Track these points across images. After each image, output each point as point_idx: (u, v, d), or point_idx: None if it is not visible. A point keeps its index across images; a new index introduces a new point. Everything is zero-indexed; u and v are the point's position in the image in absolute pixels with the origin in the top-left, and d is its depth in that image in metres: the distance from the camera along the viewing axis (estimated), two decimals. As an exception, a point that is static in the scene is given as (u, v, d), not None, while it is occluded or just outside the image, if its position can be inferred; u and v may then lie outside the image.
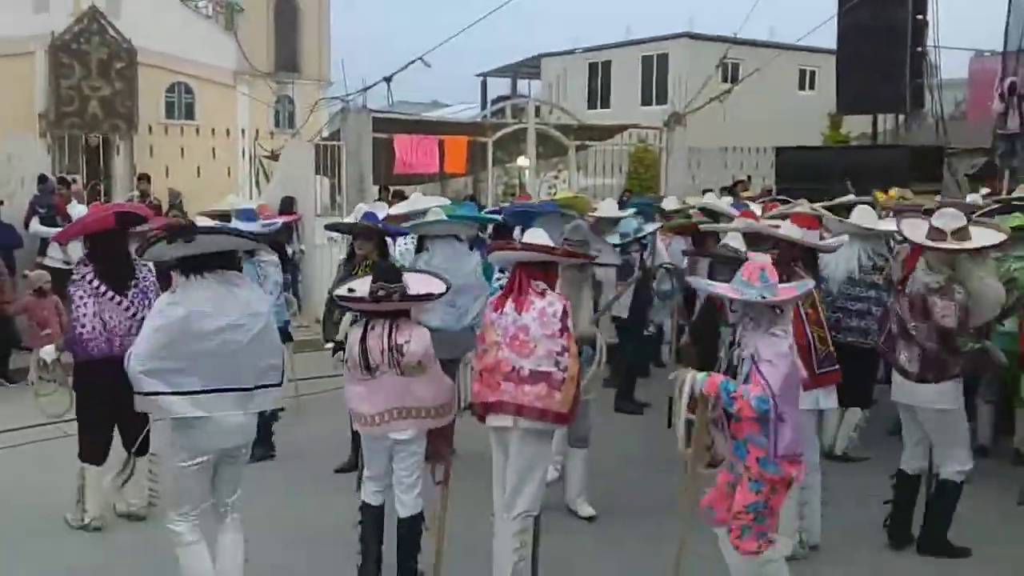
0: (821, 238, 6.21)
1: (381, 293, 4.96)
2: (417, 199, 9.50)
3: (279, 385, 4.84)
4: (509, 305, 5.07)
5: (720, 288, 4.85)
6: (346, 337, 5.43)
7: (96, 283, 5.98)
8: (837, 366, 5.71)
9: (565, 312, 5.00)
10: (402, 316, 5.08)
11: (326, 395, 9.20)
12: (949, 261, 5.53)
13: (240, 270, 4.77)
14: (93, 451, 6.25)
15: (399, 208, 8.87)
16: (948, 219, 5.55)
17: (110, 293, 5.98)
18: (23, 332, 11.00)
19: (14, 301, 10.63)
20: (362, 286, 5.12)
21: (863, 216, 7.11)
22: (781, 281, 4.75)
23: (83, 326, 5.95)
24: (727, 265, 6.03)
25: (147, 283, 6.14)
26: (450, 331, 6.71)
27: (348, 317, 6.02)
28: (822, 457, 6.20)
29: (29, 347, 9.72)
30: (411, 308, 5.15)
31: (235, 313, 4.54)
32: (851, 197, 9.94)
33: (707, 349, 5.68)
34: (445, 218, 7.48)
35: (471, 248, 7.50)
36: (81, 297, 5.99)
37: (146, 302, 5.92)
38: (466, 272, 6.97)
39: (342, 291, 5.23)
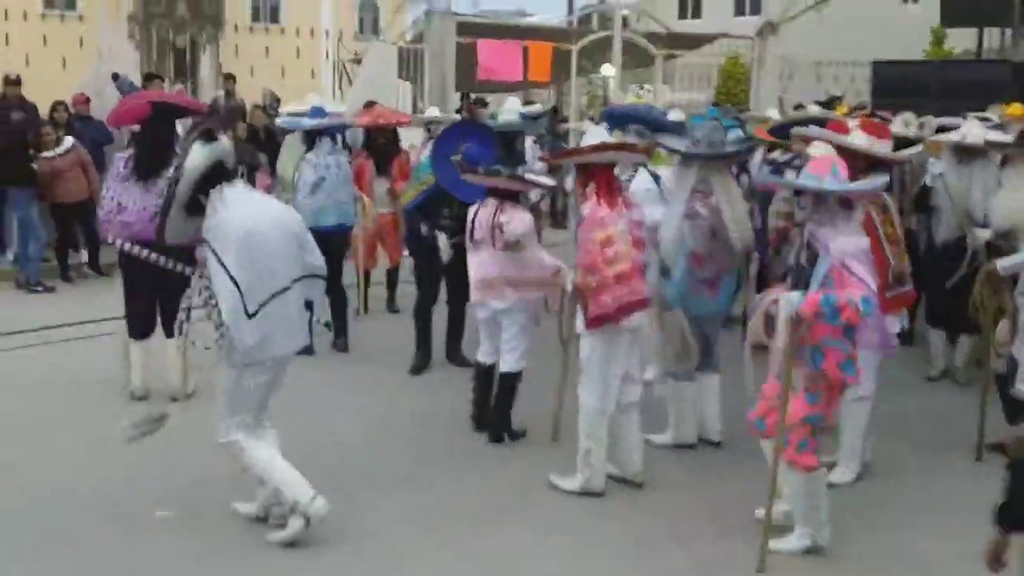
0: None
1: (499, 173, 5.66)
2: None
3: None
4: (620, 207, 5.08)
5: (792, 181, 4.71)
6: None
7: (124, 168, 6.25)
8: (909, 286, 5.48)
9: None
10: (509, 199, 5.73)
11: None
12: None
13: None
14: (133, 326, 6.58)
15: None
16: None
17: (134, 177, 6.19)
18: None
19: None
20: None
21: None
22: None
23: (101, 208, 6.35)
24: None
25: None
26: None
27: None
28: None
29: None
30: (519, 192, 5.86)
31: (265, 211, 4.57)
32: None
33: None
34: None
35: None
36: (106, 181, 6.37)
37: None
38: None
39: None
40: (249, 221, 4.42)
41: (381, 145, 8.99)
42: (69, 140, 10.53)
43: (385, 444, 6.02)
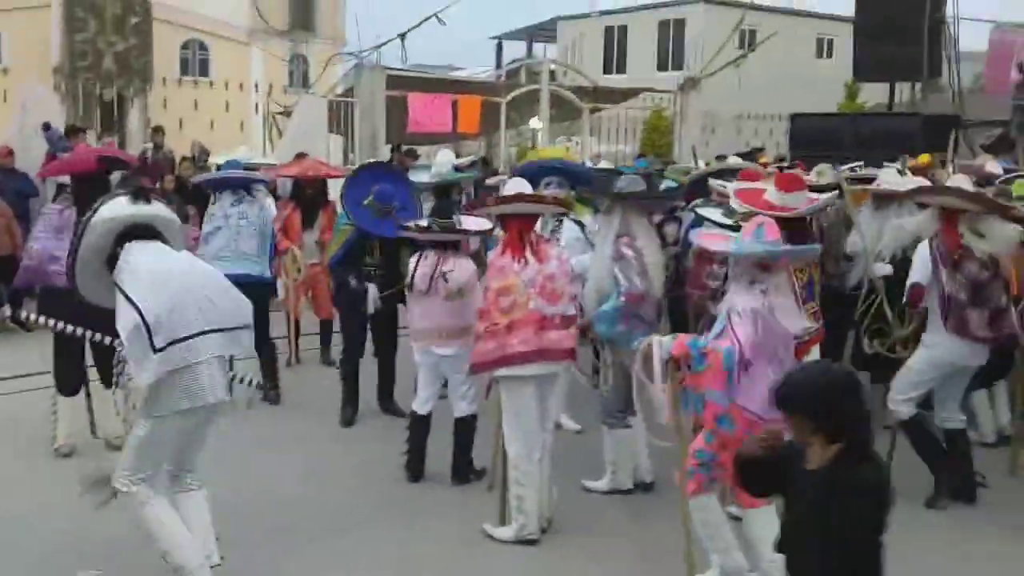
0: None
1: (432, 226, 5.84)
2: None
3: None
4: (528, 257, 5.20)
5: (707, 239, 4.93)
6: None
7: (59, 219, 6.25)
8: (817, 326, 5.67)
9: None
10: (451, 248, 5.93)
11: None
12: (985, 223, 5.69)
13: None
14: (62, 382, 6.52)
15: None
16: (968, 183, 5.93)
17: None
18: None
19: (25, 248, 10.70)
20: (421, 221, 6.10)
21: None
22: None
23: (27, 257, 6.33)
24: None
25: None
26: None
27: None
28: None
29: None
30: (460, 241, 6.05)
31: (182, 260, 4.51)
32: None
33: None
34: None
35: None
36: (33, 232, 6.36)
37: None
38: None
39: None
40: (160, 264, 4.38)
41: (309, 196, 9.07)
42: (-13, 196, 10.40)
43: (317, 496, 6.00)
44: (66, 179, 10.98)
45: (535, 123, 18.96)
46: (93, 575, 4.79)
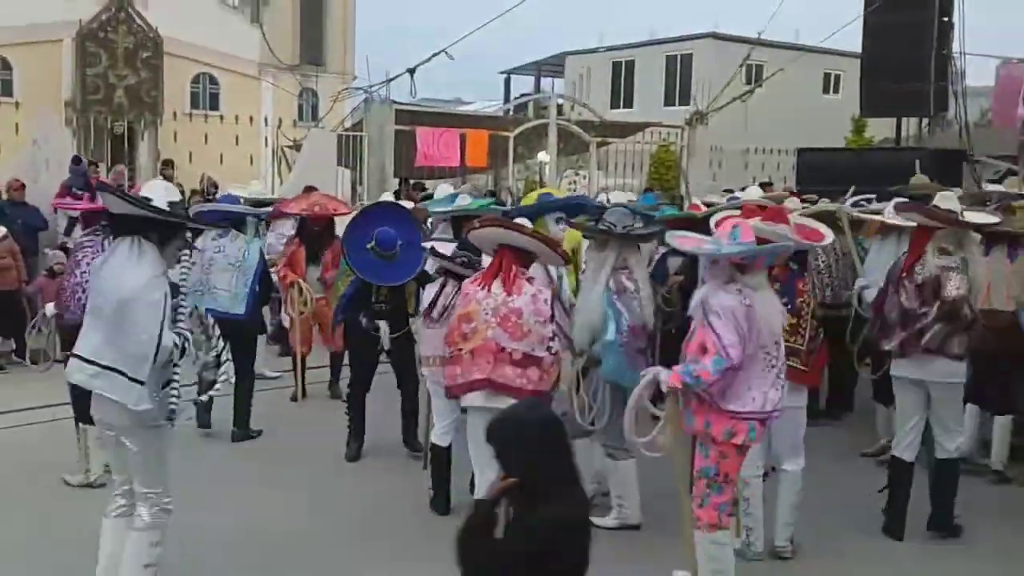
0: None
1: (459, 259, 5.94)
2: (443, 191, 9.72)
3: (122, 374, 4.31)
4: (497, 286, 5.21)
5: (684, 242, 4.90)
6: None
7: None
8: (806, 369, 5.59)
9: (555, 297, 5.30)
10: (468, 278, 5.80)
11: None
12: (959, 242, 5.69)
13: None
14: (83, 411, 6.31)
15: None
16: (953, 202, 5.87)
17: None
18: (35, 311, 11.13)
19: (31, 282, 10.69)
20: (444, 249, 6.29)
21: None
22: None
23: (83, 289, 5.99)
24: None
25: None
26: None
27: None
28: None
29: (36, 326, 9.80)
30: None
31: (106, 281, 4.39)
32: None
33: None
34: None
35: None
36: (85, 260, 6.21)
37: None
38: None
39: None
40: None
41: (315, 233, 9.09)
42: (2, 229, 10.43)
43: (319, 532, 5.96)
44: (75, 212, 11.16)
45: (543, 156, 19.02)
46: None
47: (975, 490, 6.42)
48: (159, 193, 4.58)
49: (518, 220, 5.91)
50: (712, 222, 6.31)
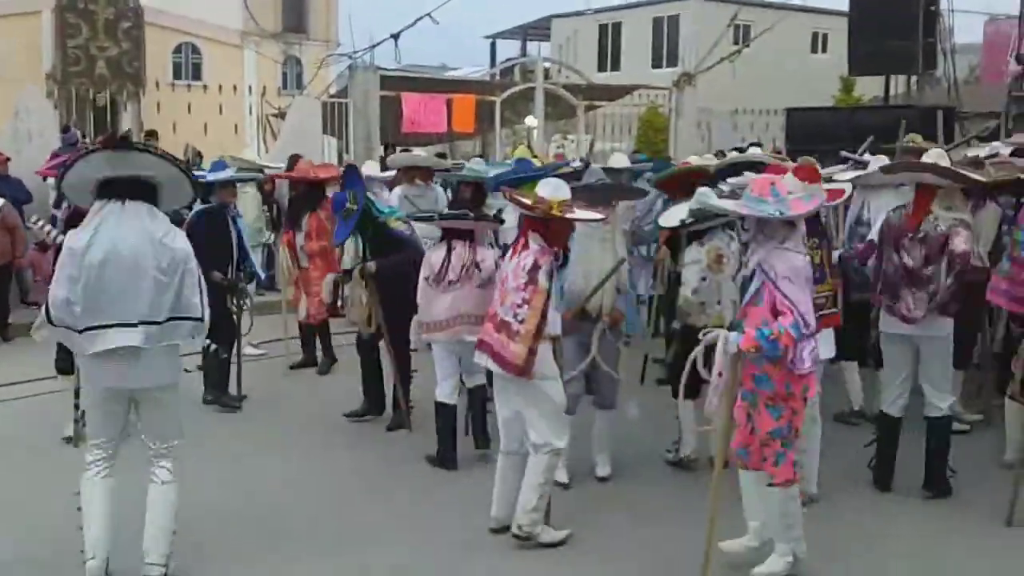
0: None
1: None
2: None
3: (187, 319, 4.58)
4: (512, 253, 5.20)
5: (731, 205, 4.74)
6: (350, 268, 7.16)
7: None
8: (836, 309, 5.76)
9: (536, 266, 5.01)
10: (471, 239, 6.09)
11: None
12: (961, 199, 5.74)
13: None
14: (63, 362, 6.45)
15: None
16: (945, 159, 5.98)
17: None
18: (30, 286, 11.05)
19: (24, 255, 10.64)
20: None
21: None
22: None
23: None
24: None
25: None
26: None
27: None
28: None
29: (36, 302, 9.73)
30: (478, 231, 6.18)
31: (132, 241, 4.41)
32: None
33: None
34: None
35: None
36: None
37: None
38: None
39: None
40: (98, 247, 4.39)
41: (295, 199, 9.06)
42: (0, 200, 10.32)
43: (310, 501, 5.95)
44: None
45: (530, 121, 18.90)
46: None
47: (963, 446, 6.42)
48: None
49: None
50: (730, 178, 6.32)
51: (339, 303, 9.36)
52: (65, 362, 6.67)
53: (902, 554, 5.19)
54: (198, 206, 7.61)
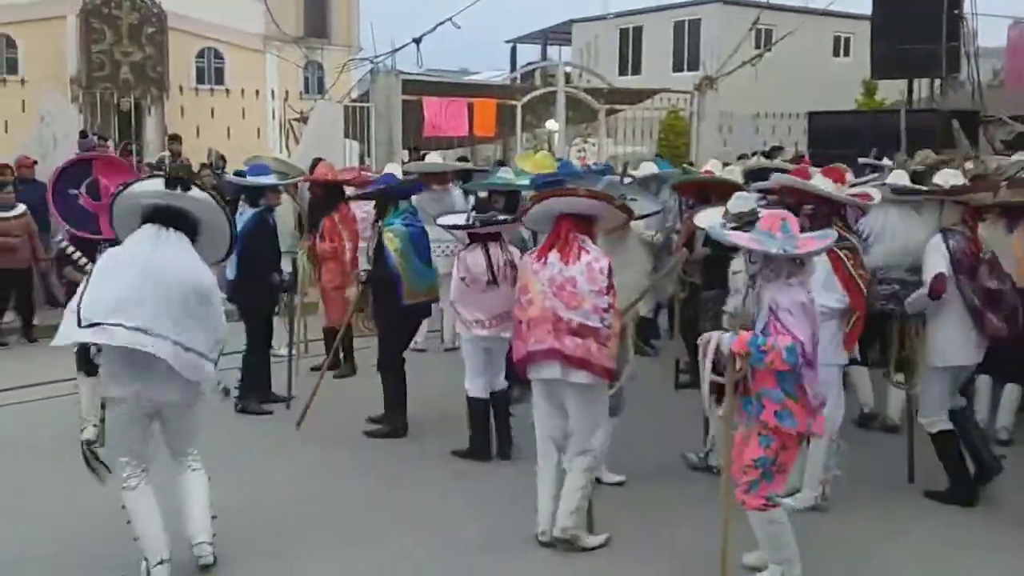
0: None
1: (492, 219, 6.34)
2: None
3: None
4: (554, 255, 5.09)
5: (740, 238, 4.72)
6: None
7: None
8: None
9: (610, 270, 5.05)
10: (501, 240, 6.40)
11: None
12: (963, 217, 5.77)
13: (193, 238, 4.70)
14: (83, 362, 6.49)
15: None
16: (958, 178, 6.11)
17: None
18: (56, 289, 11.13)
19: (47, 259, 10.69)
20: (456, 219, 6.71)
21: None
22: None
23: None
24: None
25: None
26: None
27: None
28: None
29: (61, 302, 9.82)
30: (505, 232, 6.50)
31: (171, 269, 4.51)
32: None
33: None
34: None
35: None
36: None
37: None
38: None
39: (445, 221, 6.79)
40: (128, 254, 4.53)
41: (312, 203, 9.05)
42: (21, 206, 10.41)
43: (327, 499, 5.99)
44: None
45: (551, 125, 18.90)
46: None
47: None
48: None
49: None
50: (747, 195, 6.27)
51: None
52: (88, 363, 6.78)
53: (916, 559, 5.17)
54: (249, 210, 7.76)
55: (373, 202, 7.50)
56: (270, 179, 8.11)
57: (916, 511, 5.81)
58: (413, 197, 9.04)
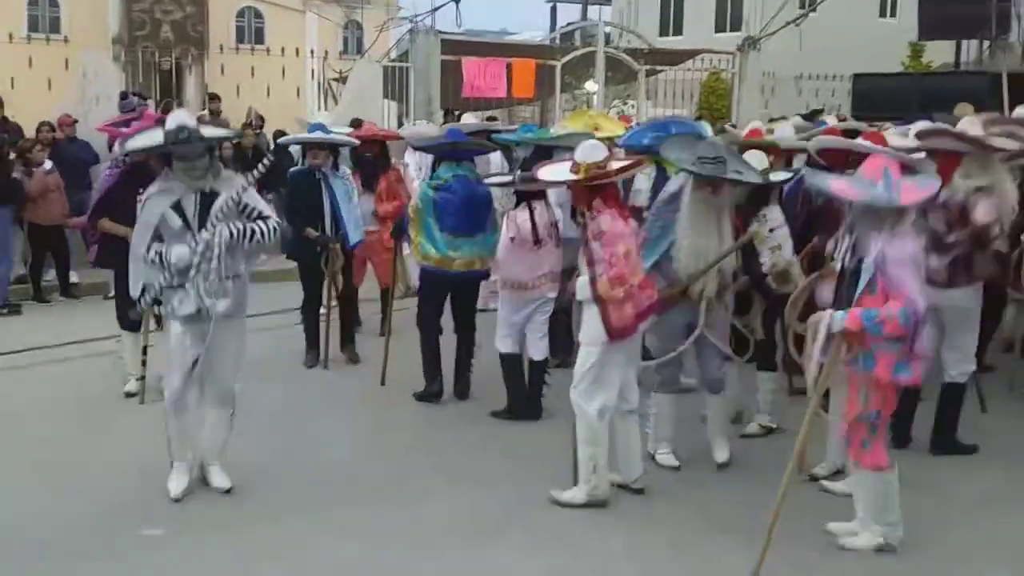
0: None
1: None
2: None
3: None
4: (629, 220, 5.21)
5: (841, 187, 4.49)
6: None
7: None
8: None
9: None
10: (545, 199, 6.45)
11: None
12: (988, 165, 5.61)
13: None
14: (124, 318, 7.03)
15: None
16: (977, 127, 5.73)
17: None
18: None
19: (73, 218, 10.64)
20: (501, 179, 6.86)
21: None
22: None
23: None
24: None
25: None
26: None
27: None
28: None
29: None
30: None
31: None
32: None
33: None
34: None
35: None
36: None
37: None
38: None
39: (493, 180, 6.91)
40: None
41: (366, 161, 8.93)
42: (48, 163, 10.50)
43: (374, 459, 6.04)
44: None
45: (590, 86, 18.71)
46: (157, 533, 4.86)
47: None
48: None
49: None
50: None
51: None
52: (129, 321, 6.88)
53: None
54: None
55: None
56: (315, 135, 8.05)
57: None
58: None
